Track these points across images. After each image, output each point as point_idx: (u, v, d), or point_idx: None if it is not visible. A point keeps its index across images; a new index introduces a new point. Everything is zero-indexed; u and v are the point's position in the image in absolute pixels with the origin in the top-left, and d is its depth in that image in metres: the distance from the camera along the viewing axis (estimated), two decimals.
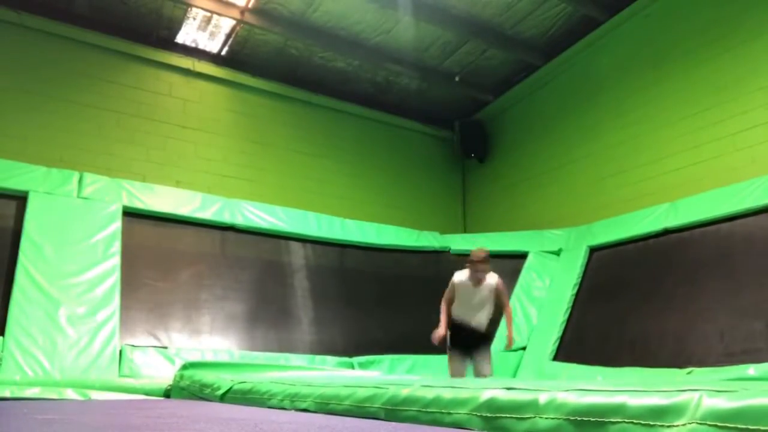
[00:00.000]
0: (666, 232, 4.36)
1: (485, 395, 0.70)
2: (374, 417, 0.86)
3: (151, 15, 5.26)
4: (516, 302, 5.11)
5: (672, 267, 4.20)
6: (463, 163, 7.09)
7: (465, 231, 6.82)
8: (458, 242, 5.69)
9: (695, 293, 3.94)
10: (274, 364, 3.55)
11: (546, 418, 0.62)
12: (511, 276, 5.27)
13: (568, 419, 0.61)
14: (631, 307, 4.31)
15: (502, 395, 0.69)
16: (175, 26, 5.41)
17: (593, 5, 5.16)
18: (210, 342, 4.34)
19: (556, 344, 4.63)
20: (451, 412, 0.72)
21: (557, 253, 5.26)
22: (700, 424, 0.51)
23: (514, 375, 4.74)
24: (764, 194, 3.78)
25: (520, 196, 6.26)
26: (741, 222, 3.91)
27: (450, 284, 4.10)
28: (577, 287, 4.83)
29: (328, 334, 4.84)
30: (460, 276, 4.04)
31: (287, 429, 0.85)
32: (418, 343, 4.86)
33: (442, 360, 4.82)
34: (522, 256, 5.34)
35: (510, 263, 5.34)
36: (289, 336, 4.69)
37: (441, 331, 3.89)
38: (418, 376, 3.53)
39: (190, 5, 5.06)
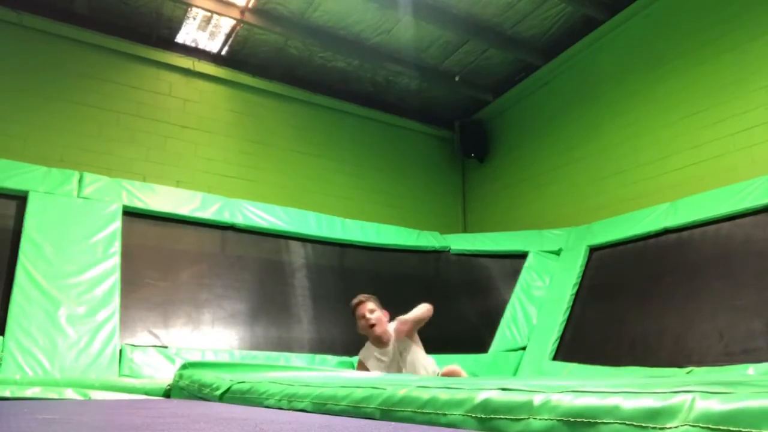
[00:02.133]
0: (666, 231, 4.36)
1: (480, 396, 0.70)
2: (370, 417, 0.86)
3: (151, 15, 5.27)
4: (516, 302, 5.11)
5: (672, 267, 4.20)
6: (463, 163, 7.09)
7: (465, 231, 6.82)
8: (458, 242, 5.69)
9: (695, 293, 3.94)
10: (274, 364, 3.55)
11: (540, 420, 0.63)
12: (511, 276, 5.28)
13: (562, 420, 0.61)
14: (631, 306, 4.31)
15: (497, 396, 0.69)
16: (175, 26, 5.41)
17: (593, 5, 5.16)
18: (210, 341, 4.35)
19: (556, 344, 4.63)
20: (446, 413, 0.73)
21: (557, 252, 5.26)
22: (693, 426, 0.51)
23: (514, 375, 4.75)
24: (764, 194, 3.78)
25: (520, 195, 6.27)
26: (741, 222, 3.91)
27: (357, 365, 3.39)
28: (576, 287, 4.83)
29: (329, 333, 4.84)
30: (363, 352, 3.43)
31: (288, 429, 0.85)
32: None
33: (441, 360, 4.82)
34: (522, 256, 5.34)
35: (510, 263, 5.35)
36: (290, 335, 4.69)
37: None
38: (415, 377, 3.54)
39: (190, 5, 5.07)
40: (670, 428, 0.52)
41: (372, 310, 3.34)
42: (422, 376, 3.04)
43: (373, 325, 3.27)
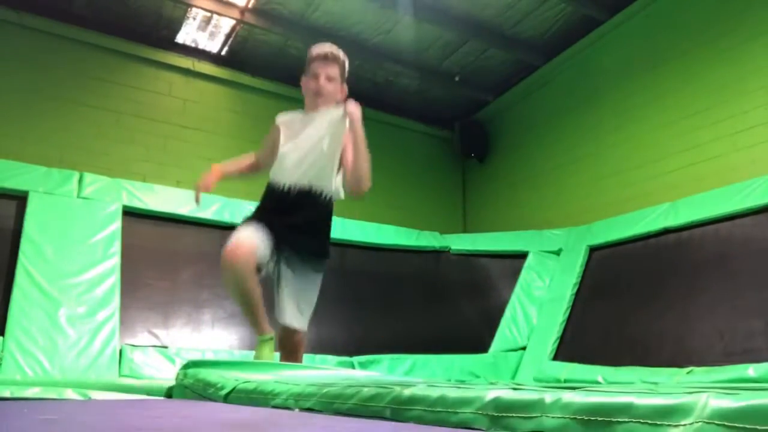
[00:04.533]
0: (666, 231, 4.37)
1: (491, 395, 0.70)
2: (379, 416, 0.86)
3: (151, 15, 5.26)
4: (516, 302, 5.11)
5: (672, 267, 4.21)
6: (463, 163, 7.09)
7: (465, 231, 6.82)
8: (458, 242, 5.70)
9: (695, 293, 3.94)
10: (277, 363, 3.54)
11: (552, 417, 0.63)
12: (511, 276, 5.28)
13: (575, 418, 0.61)
14: (630, 306, 4.32)
15: (508, 394, 0.69)
16: (175, 26, 5.41)
17: (593, 5, 5.16)
18: (210, 341, 4.35)
19: (556, 344, 4.63)
20: (457, 411, 0.73)
21: (557, 252, 5.26)
22: (707, 423, 0.51)
23: (514, 375, 4.75)
24: (764, 194, 3.79)
25: (520, 196, 6.27)
26: (741, 222, 3.91)
27: (271, 129, 2.61)
28: (576, 287, 4.83)
29: (328, 333, 4.83)
30: (289, 113, 2.61)
31: (292, 429, 0.85)
32: (418, 343, 4.86)
33: (442, 359, 4.83)
34: (522, 256, 5.34)
35: (510, 263, 5.35)
36: None
37: (211, 176, 2.51)
38: (420, 379, 3.55)
39: (190, 5, 5.06)
40: (685, 425, 0.52)
41: (331, 78, 2.56)
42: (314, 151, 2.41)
43: (321, 95, 2.49)
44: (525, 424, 0.63)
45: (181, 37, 5.55)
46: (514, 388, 0.66)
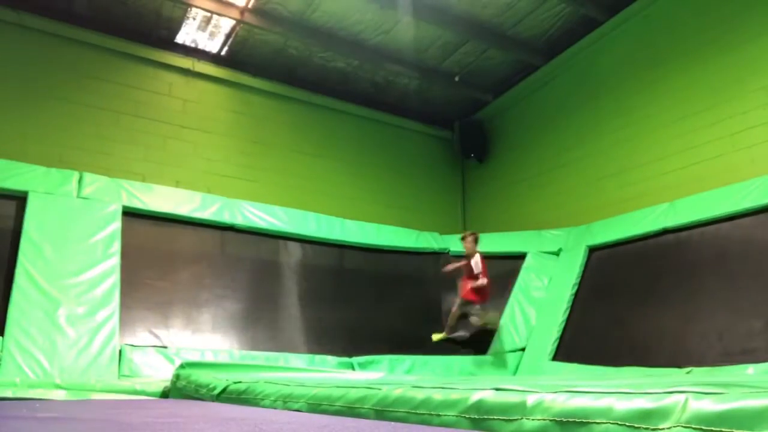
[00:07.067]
0: (665, 232, 4.36)
1: (475, 397, 0.71)
2: (364, 418, 0.86)
3: (151, 15, 5.27)
4: (515, 302, 5.11)
5: (671, 267, 4.20)
6: (462, 163, 7.09)
7: (465, 231, 6.80)
8: (457, 243, 5.68)
9: (694, 293, 3.94)
10: (272, 365, 3.54)
11: (533, 420, 0.63)
12: (510, 276, 5.27)
13: (554, 420, 0.61)
14: (630, 306, 4.31)
15: (491, 396, 0.69)
16: (175, 26, 5.41)
17: (593, 5, 5.16)
18: (210, 341, 4.35)
19: (556, 344, 4.63)
20: (440, 414, 0.73)
21: (556, 253, 5.26)
22: (685, 427, 0.51)
23: (514, 375, 4.74)
24: (764, 194, 3.78)
25: (520, 196, 6.26)
26: (740, 222, 3.91)
27: None
28: (576, 287, 4.83)
29: (328, 334, 4.84)
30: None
31: (287, 429, 0.85)
32: (418, 343, 4.87)
33: (441, 360, 4.83)
34: (521, 257, 5.34)
35: (509, 263, 5.35)
36: (289, 336, 4.69)
37: None
38: (415, 377, 3.54)
39: (190, 5, 5.07)
40: (663, 429, 0.52)
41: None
42: None
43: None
44: (506, 426, 0.63)
45: (181, 37, 5.56)
46: (498, 389, 0.67)
